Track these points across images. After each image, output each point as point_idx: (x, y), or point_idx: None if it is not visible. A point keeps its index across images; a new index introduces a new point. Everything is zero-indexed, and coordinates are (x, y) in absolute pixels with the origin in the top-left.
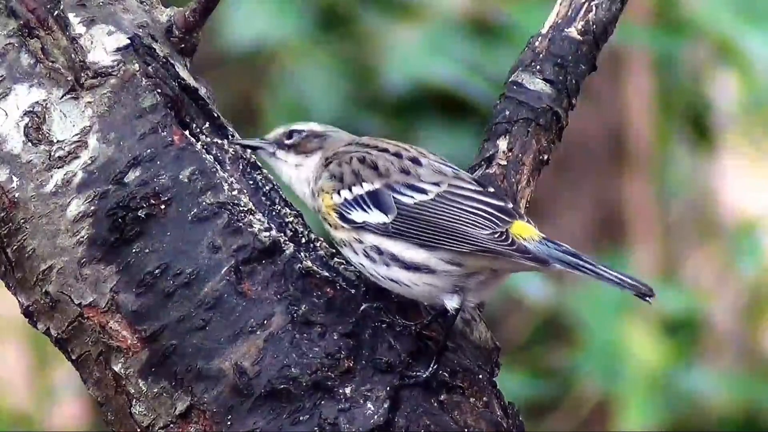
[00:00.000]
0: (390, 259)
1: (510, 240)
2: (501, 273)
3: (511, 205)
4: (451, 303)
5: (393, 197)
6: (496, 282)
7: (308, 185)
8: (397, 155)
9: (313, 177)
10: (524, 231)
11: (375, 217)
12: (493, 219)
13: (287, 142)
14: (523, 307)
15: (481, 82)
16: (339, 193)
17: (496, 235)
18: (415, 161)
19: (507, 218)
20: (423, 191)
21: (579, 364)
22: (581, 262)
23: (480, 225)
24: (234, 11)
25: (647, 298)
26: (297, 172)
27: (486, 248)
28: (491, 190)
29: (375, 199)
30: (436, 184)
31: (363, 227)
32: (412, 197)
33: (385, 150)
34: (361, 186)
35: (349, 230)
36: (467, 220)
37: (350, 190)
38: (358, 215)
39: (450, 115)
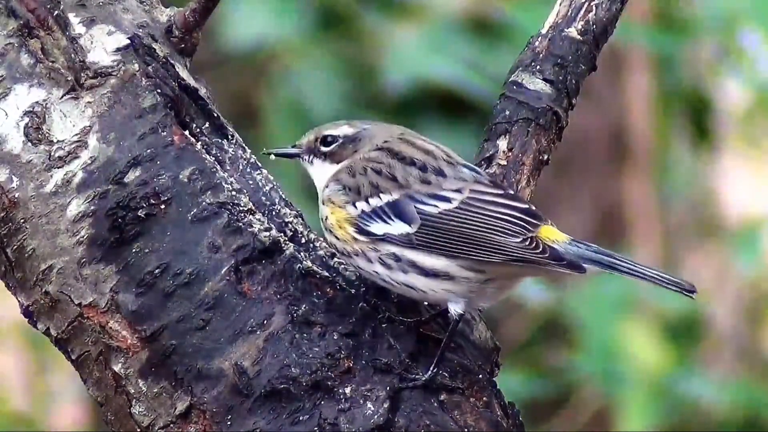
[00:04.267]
0: (408, 266)
1: (541, 247)
2: (519, 278)
3: (534, 207)
4: (456, 308)
5: (415, 207)
6: (511, 287)
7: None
8: (421, 167)
9: (323, 184)
10: (551, 234)
11: (397, 228)
12: (522, 224)
13: (323, 149)
14: (522, 309)
15: (481, 81)
16: (355, 205)
17: (527, 243)
18: (440, 173)
19: (534, 221)
20: (446, 199)
21: (578, 365)
22: (617, 262)
23: (509, 232)
24: (234, 11)
25: (690, 295)
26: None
27: (518, 258)
28: (511, 192)
29: (396, 210)
30: (458, 190)
31: (383, 239)
32: (436, 206)
33: (405, 159)
34: (380, 197)
35: (364, 242)
36: (496, 228)
37: (367, 201)
38: (378, 227)
39: (450, 115)
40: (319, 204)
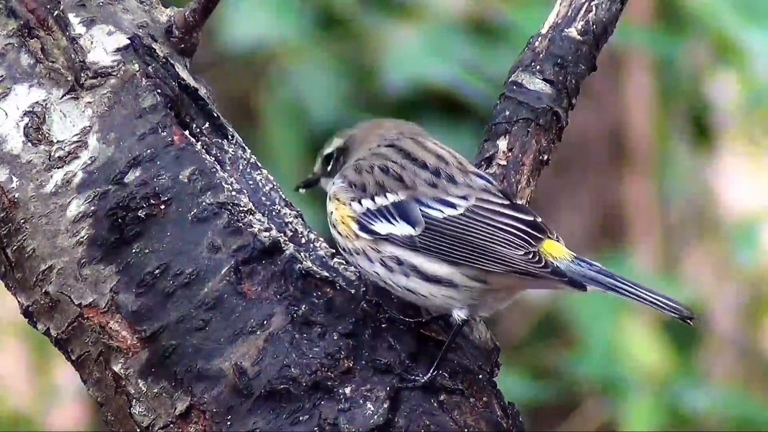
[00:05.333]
0: (410, 270)
1: (543, 261)
2: (520, 290)
3: (540, 220)
4: (460, 313)
5: (421, 210)
6: (510, 297)
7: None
8: (433, 171)
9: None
10: (555, 250)
11: (401, 229)
12: (526, 237)
13: (329, 169)
14: (520, 306)
15: (480, 84)
16: (360, 202)
17: (530, 256)
18: (451, 179)
19: (539, 235)
20: (452, 205)
21: (578, 367)
22: (618, 284)
23: (513, 244)
24: (234, 11)
25: (689, 321)
26: None
27: (520, 270)
28: (518, 202)
29: (401, 211)
30: (464, 197)
31: (386, 239)
32: (441, 211)
33: (417, 160)
34: (386, 197)
35: (366, 240)
36: (500, 239)
37: (373, 200)
38: (382, 227)
39: (450, 115)
40: (327, 200)
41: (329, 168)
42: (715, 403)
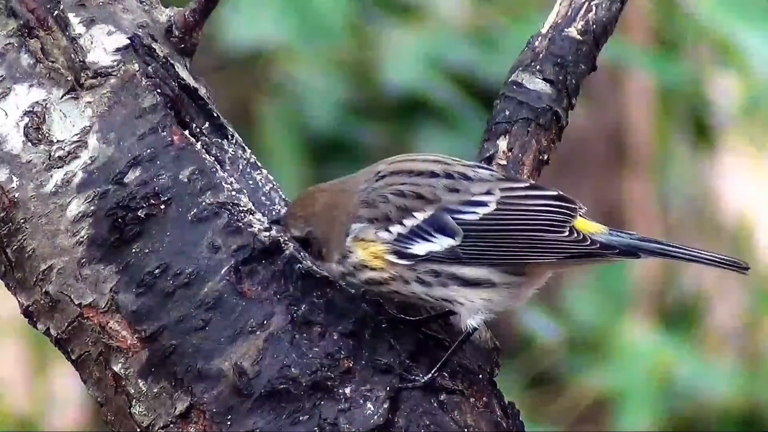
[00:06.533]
0: (448, 279)
1: (589, 239)
2: (550, 275)
3: (561, 192)
4: (472, 322)
5: (453, 218)
6: (541, 284)
7: (334, 265)
8: (446, 176)
9: (338, 247)
10: (588, 225)
11: (441, 243)
12: (563, 212)
13: (308, 251)
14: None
15: (472, 99)
16: (388, 230)
17: (574, 235)
18: (465, 177)
19: (572, 205)
20: (482, 204)
21: (587, 370)
22: (667, 248)
23: (557, 224)
24: (233, 14)
25: (745, 271)
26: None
27: (573, 254)
28: (533, 182)
29: (436, 225)
30: (489, 192)
31: (427, 259)
32: (475, 212)
33: (423, 173)
34: (414, 217)
35: (402, 266)
36: (542, 223)
37: (402, 224)
38: (420, 247)
39: (450, 117)
40: (333, 264)
41: (309, 250)
42: (713, 380)
